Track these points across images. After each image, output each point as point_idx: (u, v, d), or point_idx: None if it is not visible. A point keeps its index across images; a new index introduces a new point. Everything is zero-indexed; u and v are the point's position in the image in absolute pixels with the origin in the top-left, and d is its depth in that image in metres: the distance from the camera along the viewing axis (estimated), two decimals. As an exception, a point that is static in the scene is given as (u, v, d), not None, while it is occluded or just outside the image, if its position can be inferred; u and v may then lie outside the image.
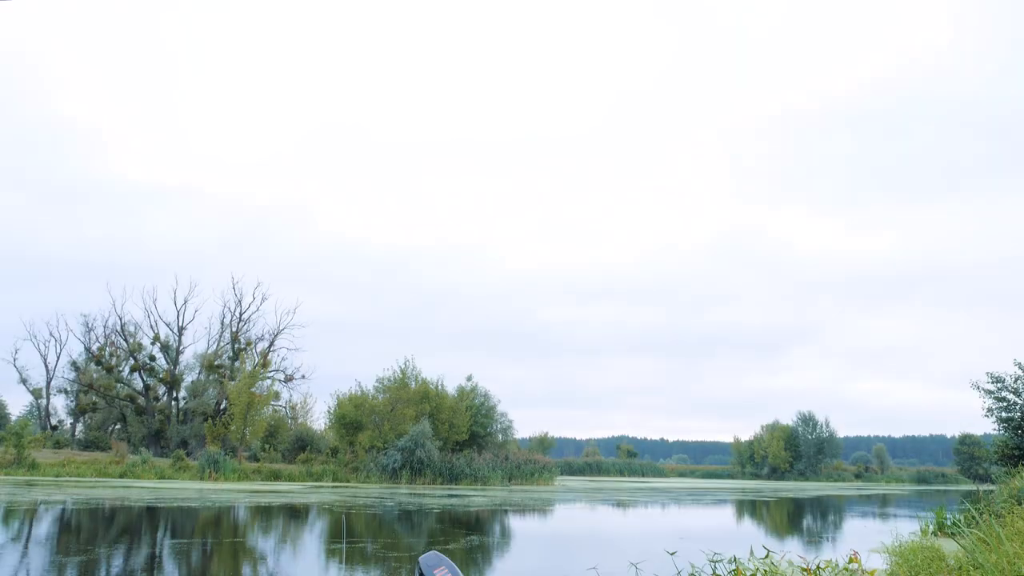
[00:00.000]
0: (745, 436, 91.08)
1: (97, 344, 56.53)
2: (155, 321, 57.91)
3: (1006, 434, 21.99)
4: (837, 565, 8.40)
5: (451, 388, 50.61)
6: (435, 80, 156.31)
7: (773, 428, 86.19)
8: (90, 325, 56.82)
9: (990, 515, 9.72)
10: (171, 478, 37.27)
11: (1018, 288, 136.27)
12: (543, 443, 68.04)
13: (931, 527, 15.26)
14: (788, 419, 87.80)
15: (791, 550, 11.04)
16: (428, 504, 24.98)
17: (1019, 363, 21.82)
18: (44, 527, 15.74)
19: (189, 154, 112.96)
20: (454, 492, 33.86)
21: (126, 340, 55.92)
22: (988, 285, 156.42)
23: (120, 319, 56.51)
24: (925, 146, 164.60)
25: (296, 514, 20.68)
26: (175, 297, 63.27)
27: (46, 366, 57.93)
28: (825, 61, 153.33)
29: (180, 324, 56.52)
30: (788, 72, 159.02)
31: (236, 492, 28.91)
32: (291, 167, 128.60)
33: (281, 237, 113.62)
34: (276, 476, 40.98)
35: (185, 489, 29.69)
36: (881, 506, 33.71)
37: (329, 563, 11.56)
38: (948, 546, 10.25)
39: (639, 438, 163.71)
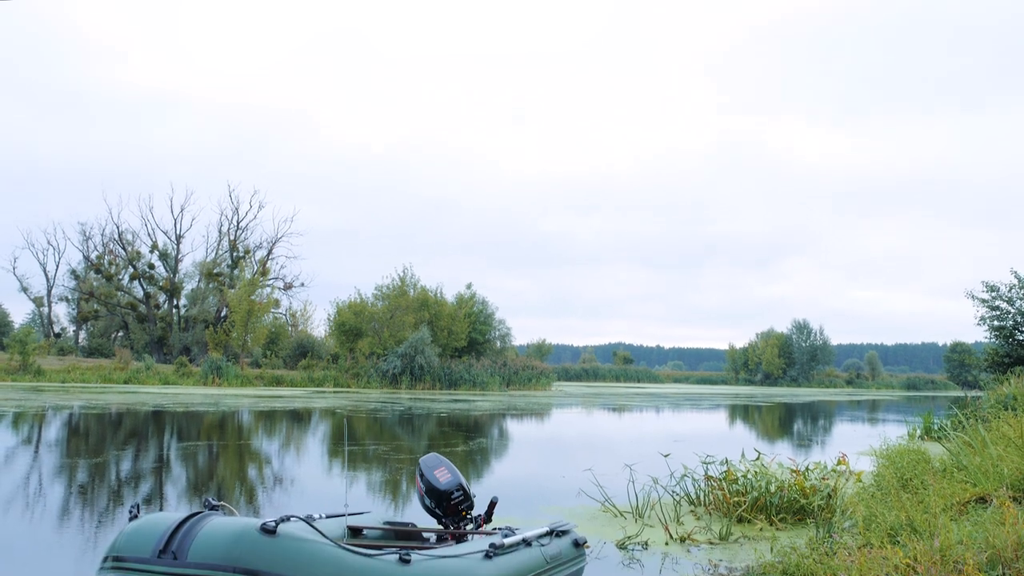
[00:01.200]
0: (740, 343, 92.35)
1: (96, 253, 56.57)
2: (152, 229, 57.81)
3: (997, 342, 22.30)
4: (826, 467, 8.69)
5: (450, 296, 51.01)
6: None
7: (768, 336, 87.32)
8: (88, 234, 56.74)
9: (977, 420, 9.97)
10: (175, 384, 37.93)
11: (1014, 199, 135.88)
12: (541, 350, 68.94)
13: (918, 431, 15.66)
14: (783, 327, 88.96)
15: (782, 453, 11.36)
16: (428, 408, 25.54)
17: (1015, 272, 21.93)
18: (56, 431, 16.12)
19: (188, 61, 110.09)
20: (453, 397, 34.58)
21: (124, 248, 55.92)
22: (985, 197, 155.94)
23: (117, 227, 56.52)
24: (927, 58, 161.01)
25: (300, 418, 21.16)
26: (171, 205, 62.94)
27: (46, 275, 58.13)
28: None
29: (178, 232, 56.44)
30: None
31: (241, 397, 29.50)
32: (290, 75, 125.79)
33: (279, 146, 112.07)
34: (278, 382, 41.71)
35: (190, 394, 30.27)
36: (870, 411, 34.49)
37: (332, 465, 11.90)
38: (934, 449, 10.55)
39: (635, 345, 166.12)
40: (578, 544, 5.14)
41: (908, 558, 4.45)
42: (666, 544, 6.58)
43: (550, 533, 4.92)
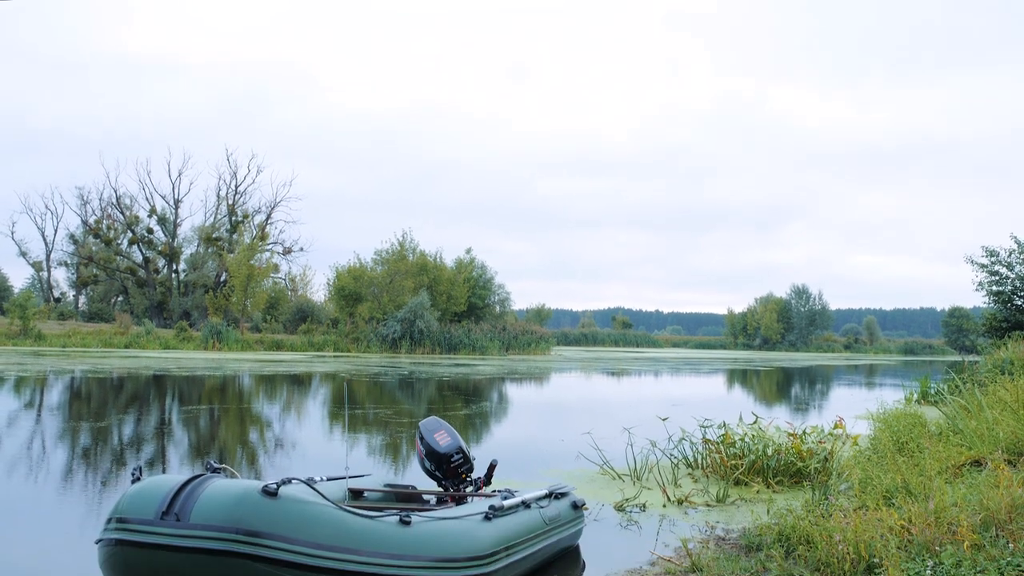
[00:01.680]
0: (739, 308, 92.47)
1: (94, 217, 56.40)
2: (150, 194, 57.64)
3: (995, 307, 22.31)
4: (823, 430, 8.74)
5: (449, 261, 51.00)
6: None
7: (767, 300, 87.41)
8: (85, 198, 56.48)
9: (973, 384, 10.02)
10: (176, 348, 38.05)
11: (1014, 163, 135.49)
12: (540, 314, 69.06)
13: (915, 396, 15.74)
14: (782, 292, 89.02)
15: (779, 416, 11.44)
16: (428, 373, 25.67)
17: (1015, 237, 21.87)
18: (58, 395, 16.21)
19: (186, 24, 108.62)
20: (453, 361, 34.74)
21: (122, 213, 55.75)
22: (985, 160, 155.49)
23: (115, 192, 56.18)
24: (926, 20, 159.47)
25: (300, 382, 21.28)
26: (169, 169, 62.61)
27: (44, 239, 58.00)
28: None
29: (176, 196, 56.23)
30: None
31: (242, 361, 29.62)
32: (286, 36, 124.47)
33: (275, 109, 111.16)
34: (278, 346, 41.84)
35: (191, 359, 30.39)
36: (868, 376, 34.69)
37: (333, 428, 11.99)
38: (931, 414, 10.61)
39: (635, 310, 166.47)
40: (577, 506, 5.20)
41: (903, 520, 4.50)
42: (664, 506, 6.65)
43: (549, 495, 4.97)
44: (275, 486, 3.20)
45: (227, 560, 2.99)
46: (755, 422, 8.51)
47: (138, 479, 3.41)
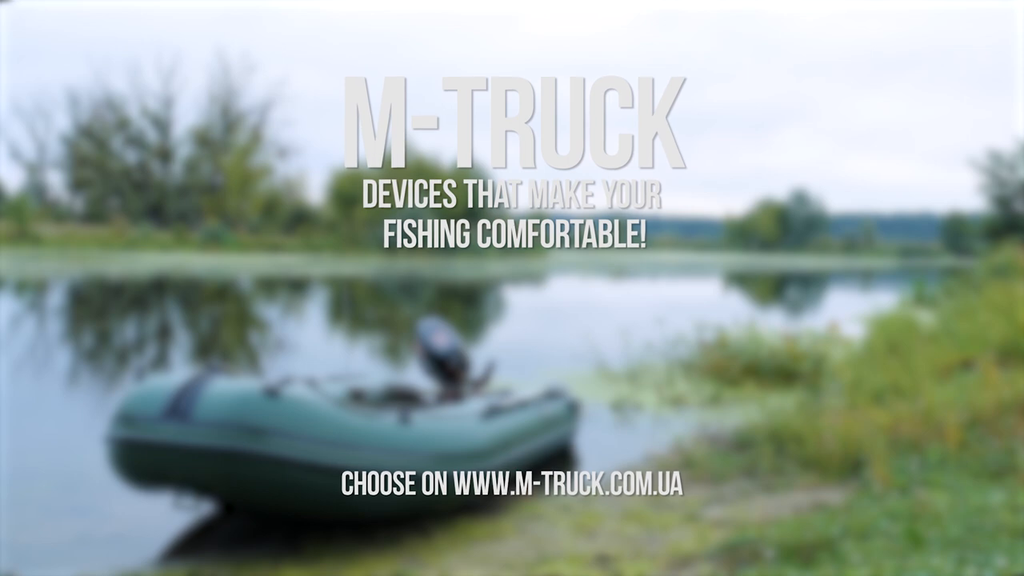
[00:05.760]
0: (736, 213, 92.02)
1: (85, 117, 55.35)
2: (141, 93, 56.33)
3: (995, 211, 22.28)
4: (816, 333, 8.86)
5: (446, 163, 50.39)
6: None
7: (765, 204, 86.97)
8: (75, 99, 55.29)
9: (968, 287, 10.07)
10: (174, 251, 38.05)
11: (1011, 69, 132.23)
12: (539, 217, 68.94)
13: (910, 299, 15.84)
14: (780, 196, 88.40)
15: (774, 319, 11.55)
16: (426, 276, 25.78)
17: (1021, 139, 21.62)
18: (59, 298, 16.29)
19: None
20: (451, 265, 34.81)
21: (114, 113, 54.73)
22: (986, 64, 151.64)
23: (105, 91, 54.96)
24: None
25: (300, 285, 21.38)
26: (159, 68, 60.95)
27: (36, 140, 57.07)
28: None
29: (167, 96, 55.06)
30: None
31: (240, 264, 29.65)
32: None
33: (272, 6, 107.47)
34: (277, 249, 41.86)
35: (190, 261, 30.42)
36: (864, 279, 34.88)
37: (333, 330, 12.13)
38: (924, 317, 10.71)
39: (630, 212, 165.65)
40: (572, 406, 5.30)
41: (892, 419, 4.60)
42: (658, 406, 6.79)
43: (546, 395, 5.07)
44: (276, 385, 3.25)
45: (231, 457, 3.06)
46: (750, 325, 8.60)
47: (142, 379, 3.46)
